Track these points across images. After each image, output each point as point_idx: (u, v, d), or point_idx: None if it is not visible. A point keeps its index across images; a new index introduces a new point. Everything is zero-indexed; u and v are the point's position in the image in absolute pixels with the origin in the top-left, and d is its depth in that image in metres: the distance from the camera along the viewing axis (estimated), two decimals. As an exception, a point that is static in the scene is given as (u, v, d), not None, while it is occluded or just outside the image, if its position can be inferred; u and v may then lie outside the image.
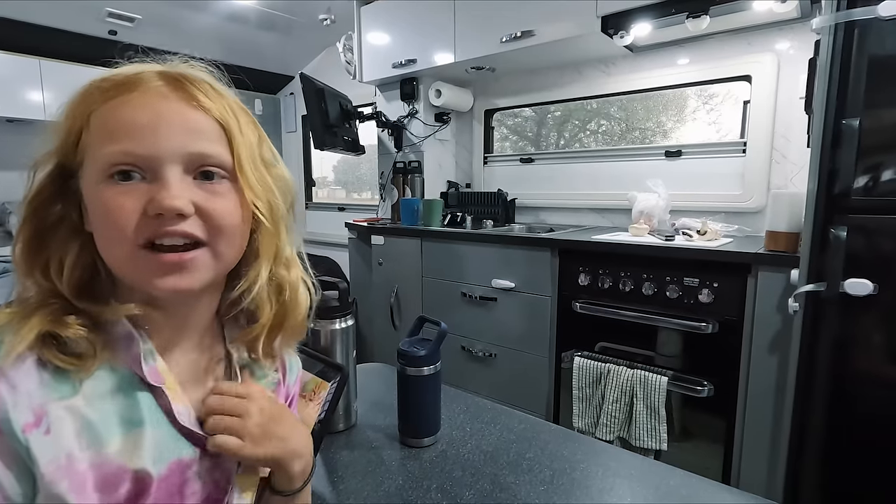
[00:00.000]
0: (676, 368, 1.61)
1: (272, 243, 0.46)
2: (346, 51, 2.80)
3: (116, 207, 0.38)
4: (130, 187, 0.38)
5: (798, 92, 1.75)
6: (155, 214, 0.38)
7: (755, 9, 1.72)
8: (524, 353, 1.97)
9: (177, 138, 0.39)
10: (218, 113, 0.41)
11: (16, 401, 0.35)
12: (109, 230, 0.39)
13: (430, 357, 0.80)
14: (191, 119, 0.40)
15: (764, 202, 1.89)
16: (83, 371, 0.38)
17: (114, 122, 0.39)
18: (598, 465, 0.75)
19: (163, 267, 0.39)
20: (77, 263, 0.41)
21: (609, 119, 2.55)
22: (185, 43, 3.20)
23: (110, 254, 0.40)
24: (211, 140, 0.41)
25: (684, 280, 1.56)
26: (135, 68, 0.42)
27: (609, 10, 1.84)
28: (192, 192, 0.40)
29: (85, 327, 0.39)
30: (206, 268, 0.42)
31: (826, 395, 1.22)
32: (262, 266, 0.46)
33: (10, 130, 3.02)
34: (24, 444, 0.35)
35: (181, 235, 0.39)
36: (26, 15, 2.67)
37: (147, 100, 0.39)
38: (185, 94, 0.41)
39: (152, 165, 0.39)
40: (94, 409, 0.38)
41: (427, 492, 0.69)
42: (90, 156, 0.39)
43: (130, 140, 0.38)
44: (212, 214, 0.41)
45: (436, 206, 2.41)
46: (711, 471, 1.56)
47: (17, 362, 0.36)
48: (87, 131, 0.40)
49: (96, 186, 0.39)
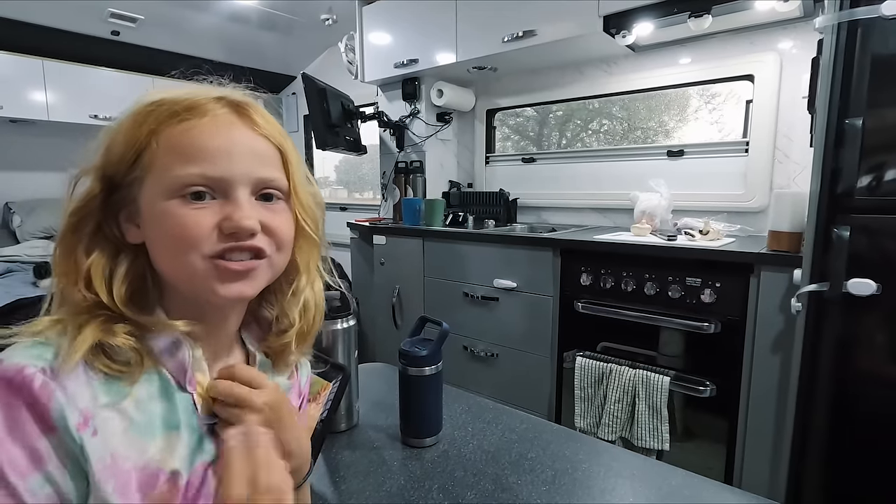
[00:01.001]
0: (679, 368, 1.61)
1: (313, 256, 0.52)
2: (348, 51, 2.80)
3: (194, 223, 0.41)
4: (204, 206, 0.42)
5: (801, 91, 1.75)
6: (230, 233, 0.42)
7: (757, 8, 1.72)
8: (526, 352, 1.97)
9: (246, 163, 0.43)
10: (277, 139, 0.46)
11: (69, 402, 0.37)
12: (180, 245, 0.41)
13: (432, 357, 0.80)
14: (256, 146, 0.44)
15: (766, 202, 1.89)
16: (130, 378, 0.40)
17: (188, 145, 0.42)
18: (600, 466, 0.75)
19: (230, 275, 0.42)
20: (127, 275, 0.43)
21: (611, 119, 2.54)
22: (187, 43, 3.21)
23: (175, 264, 0.42)
24: (272, 165, 0.45)
25: (686, 280, 1.56)
26: (194, 92, 0.44)
27: (611, 9, 1.84)
28: (258, 211, 0.44)
29: (132, 336, 0.41)
30: (264, 276, 0.46)
31: (829, 395, 1.22)
32: (303, 278, 0.51)
33: (14, 131, 3.03)
34: (79, 443, 0.37)
35: (250, 250, 0.43)
36: (29, 15, 2.68)
37: (218, 126, 0.43)
38: (248, 120, 0.45)
39: (224, 187, 0.42)
40: (140, 412, 0.41)
41: (429, 492, 0.69)
42: (156, 173, 0.42)
43: (205, 163, 0.41)
44: (276, 231, 0.45)
45: (438, 206, 2.41)
46: (714, 471, 1.56)
47: (71, 370, 0.38)
48: (152, 150, 0.42)
49: (165, 203, 0.41)
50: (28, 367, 0.36)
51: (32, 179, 3.19)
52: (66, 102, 2.95)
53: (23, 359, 0.37)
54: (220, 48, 3.35)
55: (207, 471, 0.45)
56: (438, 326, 0.82)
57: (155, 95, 0.44)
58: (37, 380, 0.36)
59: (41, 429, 0.36)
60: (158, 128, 0.42)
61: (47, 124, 2.99)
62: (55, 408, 0.36)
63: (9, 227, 2.98)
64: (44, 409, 0.36)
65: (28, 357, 0.37)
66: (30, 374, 0.36)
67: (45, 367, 0.37)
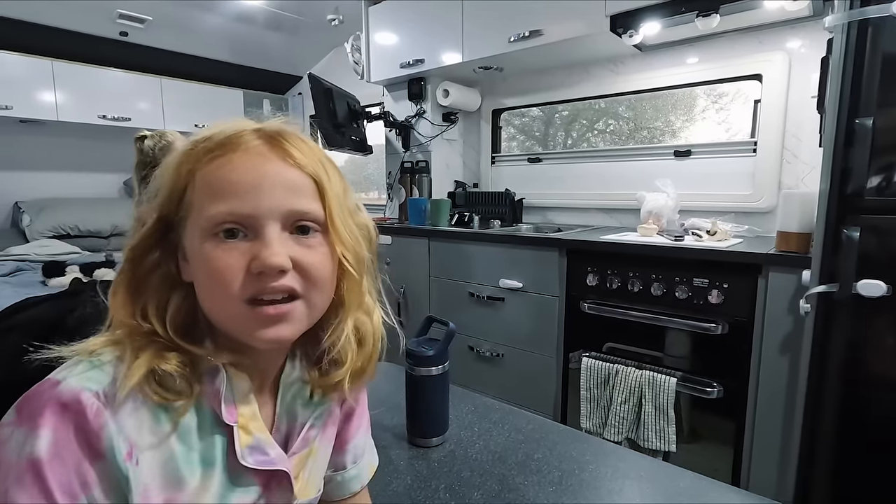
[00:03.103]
0: (685, 369, 1.60)
1: (357, 292, 0.48)
2: (354, 51, 2.80)
3: (224, 267, 0.40)
4: (234, 245, 0.41)
5: (810, 91, 1.73)
6: (258, 272, 0.40)
7: (766, 7, 1.70)
8: (532, 353, 1.97)
9: (276, 197, 0.41)
10: (311, 169, 0.43)
11: (119, 432, 0.37)
12: (216, 289, 0.41)
13: (439, 357, 0.80)
14: (288, 177, 0.42)
15: (775, 202, 1.87)
16: (180, 407, 0.40)
17: (217, 182, 0.41)
18: (607, 467, 0.75)
19: (265, 320, 0.41)
20: (179, 310, 0.43)
21: (617, 118, 2.53)
22: (193, 44, 3.23)
23: (215, 309, 0.42)
24: (306, 196, 0.43)
25: (694, 281, 1.55)
26: (233, 126, 0.44)
27: (618, 9, 1.83)
28: (289, 247, 0.42)
29: (185, 366, 0.41)
30: (302, 318, 0.43)
31: (838, 398, 1.20)
32: (347, 315, 0.48)
33: (24, 131, 3.06)
34: (125, 473, 0.37)
35: (281, 291, 0.41)
36: (39, 17, 2.71)
37: (248, 160, 0.41)
38: (282, 151, 0.43)
39: (254, 224, 0.41)
40: (183, 445, 0.41)
41: (435, 492, 0.69)
42: (194, 213, 0.42)
43: (234, 200, 0.40)
44: (308, 269, 0.42)
45: (443, 206, 2.41)
46: (720, 473, 1.55)
47: (125, 399, 0.38)
48: (192, 189, 0.42)
49: (202, 244, 0.41)
50: (84, 392, 0.36)
51: (42, 179, 3.22)
52: (74, 103, 2.98)
53: (80, 382, 0.37)
54: (226, 48, 3.37)
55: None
56: (445, 326, 0.82)
57: (201, 132, 0.44)
58: (92, 407, 0.36)
59: (91, 456, 0.36)
60: (195, 166, 0.42)
61: (56, 124, 3.01)
62: (106, 437, 0.36)
63: (18, 226, 3.00)
64: (95, 439, 0.36)
65: (85, 381, 0.37)
66: (85, 401, 0.36)
67: (99, 391, 0.37)
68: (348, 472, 0.59)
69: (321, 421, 0.53)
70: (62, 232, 2.99)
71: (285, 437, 0.50)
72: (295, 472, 0.48)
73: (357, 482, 0.60)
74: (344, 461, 0.59)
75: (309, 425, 0.51)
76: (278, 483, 0.47)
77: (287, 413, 0.50)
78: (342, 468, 0.59)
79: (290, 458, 0.48)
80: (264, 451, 0.45)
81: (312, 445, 0.52)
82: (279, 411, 0.49)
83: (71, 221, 3.03)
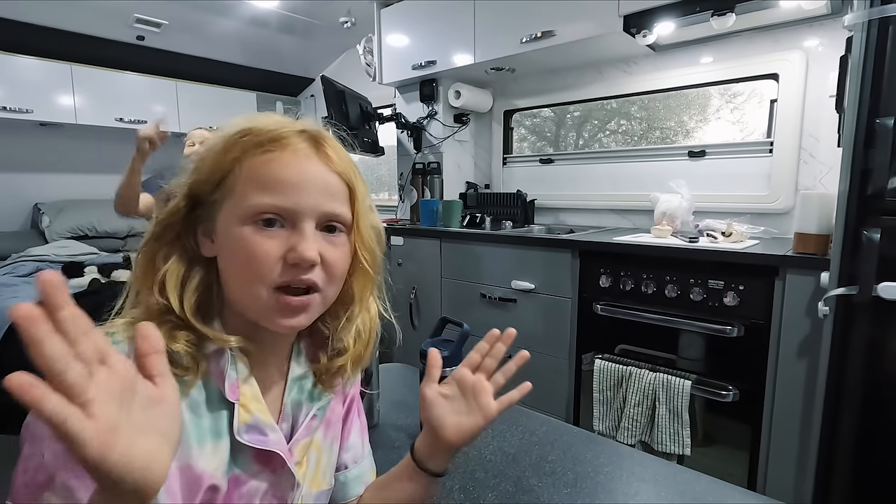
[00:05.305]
0: (700, 372, 1.58)
1: (368, 287, 0.54)
2: (366, 53, 2.82)
3: (263, 253, 0.44)
4: (273, 233, 0.44)
5: (828, 90, 1.71)
6: (293, 263, 0.44)
7: (783, 6, 1.68)
8: (544, 354, 1.96)
9: (316, 197, 0.46)
10: (346, 175, 0.48)
11: None
12: (249, 271, 0.44)
13: (453, 358, 0.80)
14: (328, 180, 0.47)
15: (792, 203, 1.85)
16: (188, 381, 0.43)
17: (266, 175, 0.45)
18: (621, 470, 0.75)
19: (287, 309, 0.45)
20: (198, 287, 0.46)
21: (629, 119, 2.52)
22: (208, 47, 3.27)
23: (241, 290, 0.45)
24: (339, 200, 0.48)
25: (709, 282, 1.53)
26: (279, 123, 0.47)
27: (631, 9, 1.82)
28: (319, 243, 0.46)
29: (192, 345, 0.44)
30: (317, 309, 0.48)
31: (857, 402, 1.18)
32: (357, 306, 0.53)
33: (43, 134, 3.12)
34: None
35: (308, 283, 0.45)
36: (58, 22, 2.76)
37: (296, 160, 0.46)
38: (323, 155, 0.47)
39: (293, 218, 0.45)
40: (193, 415, 0.43)
41: (449, 492, 0.69)
42: (235, 198, 0.45)
43: (280, 194, 0.44)
44: (331, 264, 0.47)
45: (455, 207, 2.41)
46: (736, 478, 1.53)
47: None
48: (234, 175, 0.45)
49: (240, 227, 0.44)
50: None
51: (61, 181, 3.28)
52: (93, 106, 3.03)
53: None
54: (240, 52, 3.41)
55: (242, 487, 0.47)
56: (459, 327, 0.82)
57: (242, 123, 0.47)
58: None
59: None
60: (243, 156, 0.45)
61: (75, 127, 3.07)
62: None
63: (38, 227, 3.06)
64: None
65: None
66: None
67: None
68: (350, 472, 0.61)
69: (323, 412, 0.56)
70: (80, 233, 3.04)
71: (291, 427, 0.52)
72: (298, 458, 0.51)
73: (359, 483, 0.62)
74: (344, 461, 0.61)
75: (311, 415, 0.54)
76: (280, 467, 0.49)
77: (293, 404, 0.53)
78: (343, 468, 0.61)
79: (294, 445, 0.51)
80: (262, 432, 0.47)
81: (314, 436, 0.54)
82: (286, 401, 0.53)
83: (88, 222, 3.08)
